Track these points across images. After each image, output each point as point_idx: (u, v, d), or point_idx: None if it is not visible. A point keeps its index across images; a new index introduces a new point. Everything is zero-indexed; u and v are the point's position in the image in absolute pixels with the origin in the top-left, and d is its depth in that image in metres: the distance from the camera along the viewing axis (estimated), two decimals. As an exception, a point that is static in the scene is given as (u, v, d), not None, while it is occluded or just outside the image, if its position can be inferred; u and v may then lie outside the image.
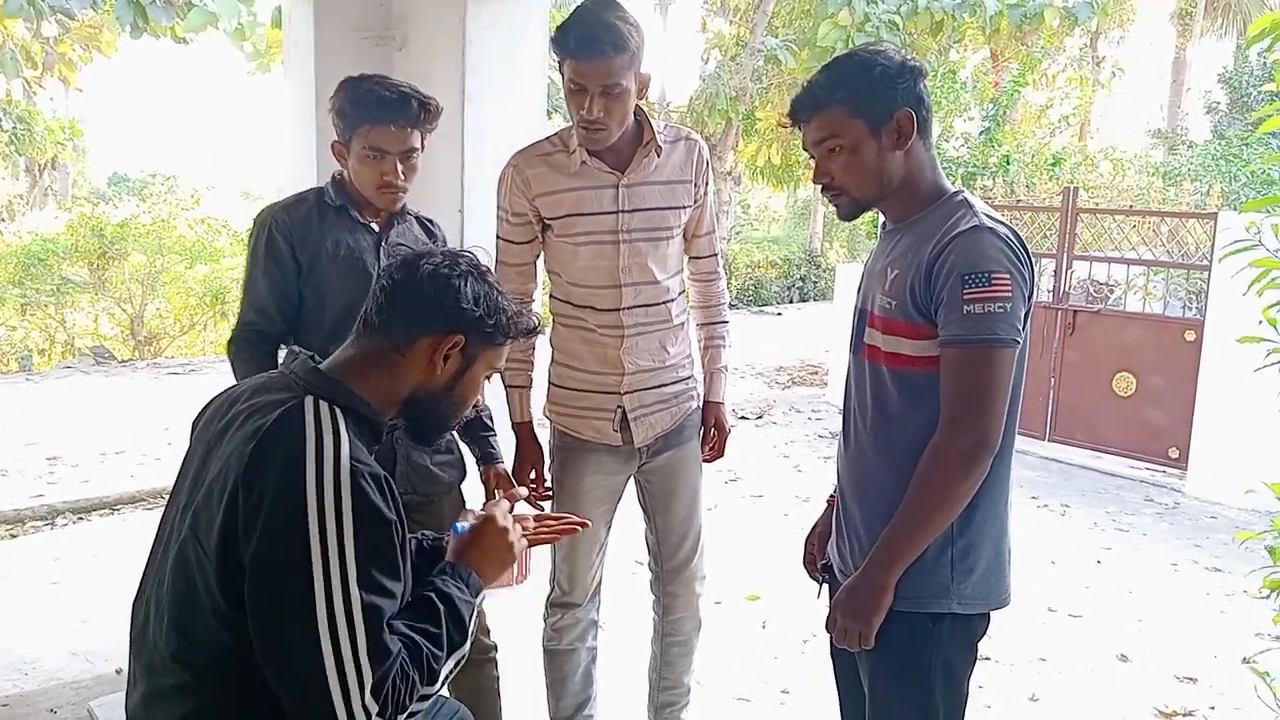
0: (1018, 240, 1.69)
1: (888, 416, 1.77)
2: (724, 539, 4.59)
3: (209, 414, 1.55)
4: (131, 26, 6.35)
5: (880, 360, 1.78)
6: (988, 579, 1.76)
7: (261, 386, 1.53)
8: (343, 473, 1.36)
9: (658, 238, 2.39)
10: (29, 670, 3.41)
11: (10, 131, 14.74)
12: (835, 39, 10.80)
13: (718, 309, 2.64)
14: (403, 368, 1.55)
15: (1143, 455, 6.47)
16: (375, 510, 1.38)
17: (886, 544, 1.70)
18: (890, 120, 1.72)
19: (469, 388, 1.62)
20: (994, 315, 1.61)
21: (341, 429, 1.42)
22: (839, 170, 1.76)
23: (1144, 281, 7.65)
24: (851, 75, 1.73)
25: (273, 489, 1.34)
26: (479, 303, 1.55)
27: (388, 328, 1.55)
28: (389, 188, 2.29)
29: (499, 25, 3.76)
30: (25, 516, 5.16)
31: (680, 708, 2.76)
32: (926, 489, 1.66)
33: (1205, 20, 21.77)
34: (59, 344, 10.48)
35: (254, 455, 1.37)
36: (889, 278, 1.76)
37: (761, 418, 7.86)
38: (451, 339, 1.54)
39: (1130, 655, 3.82)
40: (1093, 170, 11.40)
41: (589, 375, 2.44)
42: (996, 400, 1.64)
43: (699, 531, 2.64)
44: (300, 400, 1.44)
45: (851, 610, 1.75)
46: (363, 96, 2.25)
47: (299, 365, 1.54)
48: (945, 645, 1.76)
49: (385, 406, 1.56)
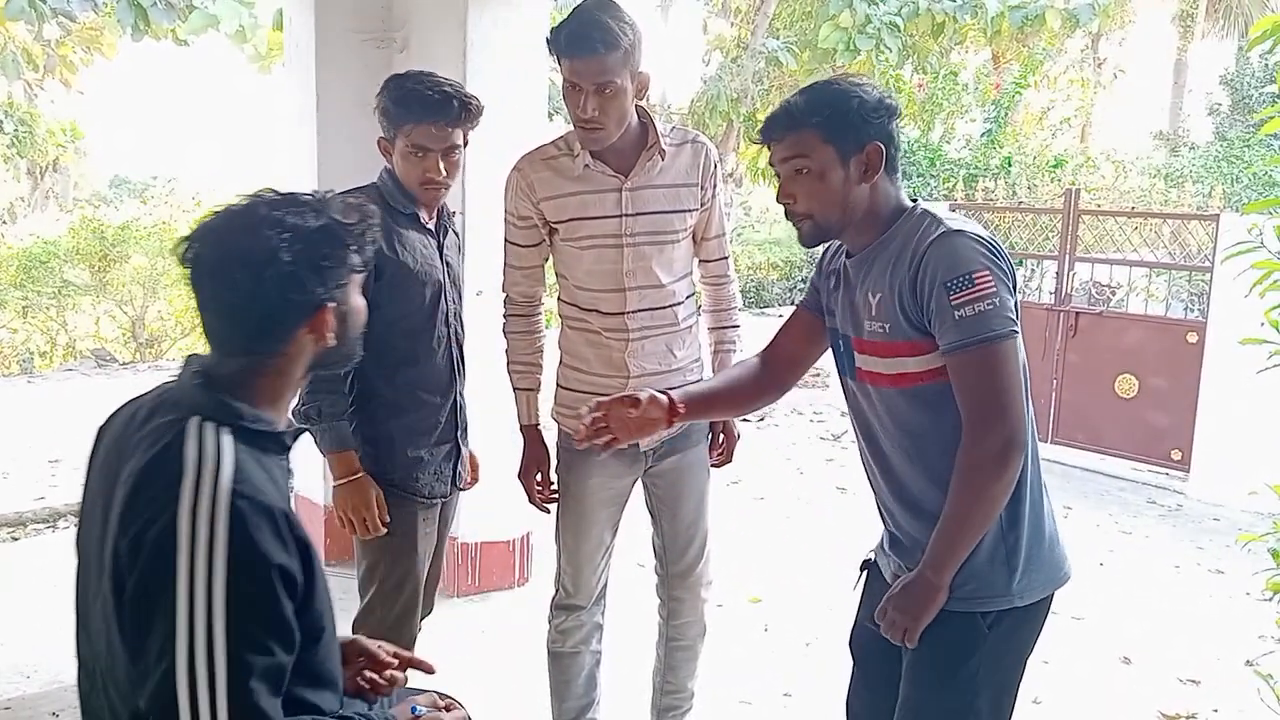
0: (988, 237, 1.72)
1: (911, 433, 1.80)
2: (726, 541, 4.58)
3: (113, 437, 1.43)
4: (133, 29, 6.35)
5: (885, 384, 1.80)
6: (1041, 566, 1.80)
7: (158, 404, 1.41)
8: (219, 509, 1.24)
9: (662, 241, 2.39)
10: (31, 674, 3.41)
11: (11, 134, 14.76)
12: (836, 41, 10.78)
13: (728, 313, 2.62)
14: (290, 360, 1.43)
15: (1145, 457, 6.46)
16: (256, 552, 1.25)
17: (936, 549, 1.73)
18: (861, 152, 1.75)
19: (358, 319, 1.52)
20: (986, 313, 1.64)
21: (225, 456, 1.29)
22: (803, 193, 1.78)
23: (1146, 283, 7.64)
24: (830, 102, 1.76)
25: (150, 533, 1.24)
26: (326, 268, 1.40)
27: (254, 344, 1.41)
28: (431, 184, 2.35)
29: (500, 28, 3.76)
30: (27, 519, 5.16)
31: (683, 712, 2.76)
32: (966, 493, 1.69)
33: (1206, 22, 21.75)
34: (60, 346, 10.48)
35: (130, 499, 1.28)
36: (873, 302, 1.78)
37: (763, 420, 7.85)
38: (324, 314, 1.42)
39: (1133, 657, 3.81)
40: (1094, 172, 11.41)
41: (595, 378, 2.44)
42: (1013, 394, 1.66)
43: (705, 536, 2.63)
44: (184, 426, 1.32)
45: (903, 605, 1.78)
46: (405, 96, 2.30)
47: (188, 380, 1.40)
48: (999, 642, 1.79)
49: (282, 403, 1.46)
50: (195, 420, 1.33)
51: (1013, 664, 1.85)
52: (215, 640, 1.21)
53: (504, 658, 3.53)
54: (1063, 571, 1.85)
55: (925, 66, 10.72)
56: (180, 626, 1.20)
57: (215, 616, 1.21)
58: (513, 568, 4.14)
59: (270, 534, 1.27)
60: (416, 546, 2.46)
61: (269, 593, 1.26)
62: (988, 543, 1.74)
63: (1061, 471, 6.45)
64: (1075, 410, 6.77)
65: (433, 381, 2.45)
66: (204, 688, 1.20)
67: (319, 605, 1.38)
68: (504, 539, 4.08)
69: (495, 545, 4.08)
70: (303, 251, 1.38)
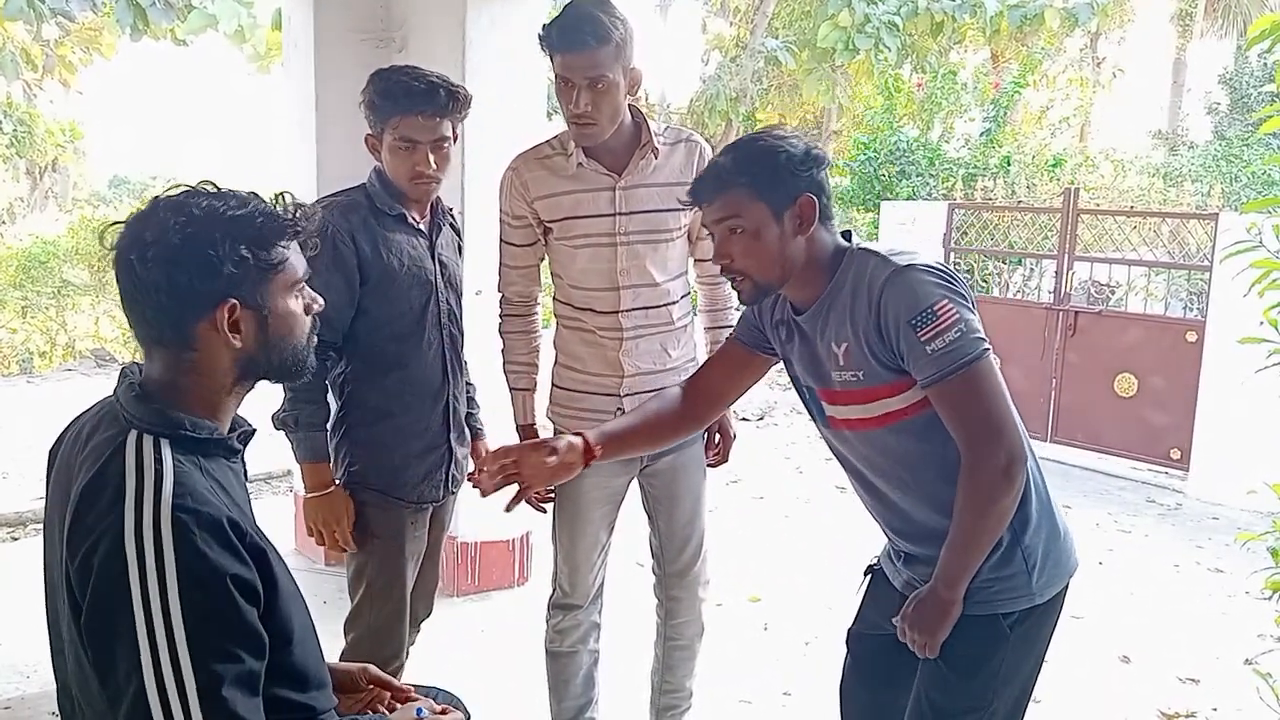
0: (936, 264, 1.73)
1: (907, 464, 1.81)
2: (725, 541, 4.59)
3: (61, 458, 1.39)
4: (131, 29, 6.35)
5: (872, 426, 1.80)
6: (1057, 562, 1.82)
7: (99, 420, 1.37)
8: (163, 526, 1.20)
9: (656, 240, 2.38)
10: (31, 673, 3.41)
11: (11, 134, 14.76)
12: (835, 40, 10.76)
13: (723, 312, 2.62)
14: (205, 360, 1.34)
15: (1144, 456, 6.46)
16: (206, 565, 1.21)
17: (948, 565, 1.74)
18: (794, 205, 1.74)
19: (284, 325, 1.39)
20: (956, 341, 1.64)
21: (166, 470, 1.25)
22: (739, 253, 1.77)
23: (1145, 282, 7.64)
24: (756, 160, 1.75)
25: (97, 555, 1.20)
26: (218, 259, 1.29)
27: (161, 336, 1.34)
28: (421, 178, 2.31)
29: (498, 27, 3.76)
30: (26, 519, 5.16)
31: (682, 711, 2.76)
32: (974, 511, 1.69)
33: (1205, 21, 21.75)
34: (60, 347, 10.47)
35: (75, 520, 1.24)
36: (838, 353, 1.78)
37: (763, 419, 7.85)
38: (223, 309, 1.32)
39: (1132, 656, 3.81)
40: (1093, 171, 11.40)
41: (589, 377, 2.44)
42: (1002, 409, 1.67)
43: (701, 536, 2.63)
44: (122, 442, 1.28)
45: (918, 623, 1.79)
46: (391, 88, 2.27)
47: (123, 392, 1.35)
48: (1021, 640, 1.80)
49: (219, 408, 1.39)
50: (134, 434, 1.29)
51: (1033, 661, 1.87)
52: (180, 657, 1.18)
53: (503, 657, 3.53)
54: (1073, 561, 1.87)
55: (924, 66, 10.70)
56: (143, 647, 1.18)
57: (175, 633, 1.19)
58: (512, 567, 4.15)
59: (218, 545, 1.24)
60: (404, 550, 2.43)
61: (226, 603, 1.23)
62: (1005, 548, 1.74)
63: (1061, 470, 6.45)
64: (1074, 409, 6.77)
65: (423, 385, 2.42)
66: (177, 705, 1.17)
67: (286, 606, 1.35)
68: (503, 538, 4.09)
69: (495, 545, 4.08)
70: (195, 236, 1.29)
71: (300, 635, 1.38)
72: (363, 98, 2.32)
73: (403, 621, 2.48)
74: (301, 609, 1.42)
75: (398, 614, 2.46)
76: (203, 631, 1.20)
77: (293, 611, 1.37)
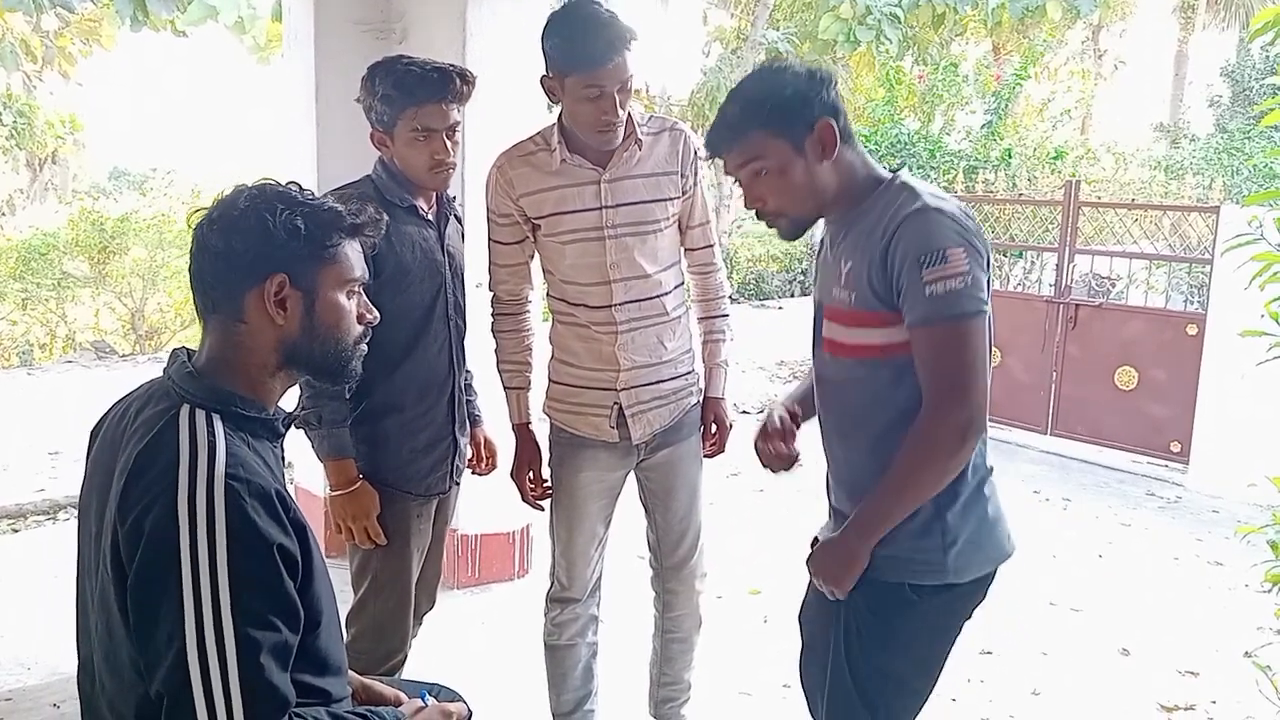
0: (966, 215, 1.69)
1: (862, 404, 1.78)
2: (725, 533, 4.59)
3: (105, 434, 1.45)
4: (131, 20, 6.34)
5: (844, 354, 1.78)
6: (981, 545, 1.77)
7: (149, 397, 1.42)
8: (216, 493, 1.25)
9: (644, 231, 2.37)
10: (32, 665, 3.42)
11: (10, 126, 14.74)
12: (836, 32, 10.77)
13: (715, 302, 2.60)
14: (252, 335, 1.41)
15: (1144, 449, 6.46)
16: (254, 532, 1.26)
17: (865, 513, 1.73)
18: (812, 133, 1.71)
19: (331, 317, 1.45)
20: (956, 291, 1.61)
21: (218, 441, 1.31)
22: (770, 192, 1.75)
23: (1146, 275, 7.64)
24: (765, 97, 1.72)
25: (149, 519, 1.25)
26: (273, 229, 1.38)
27: (215, 302, 1.41)
28: (441, 166, 2.31)
29: (499, 18, 3.75)
30: (27, 511, 5.16)
31: (681, 704, 2.76)
32: (912, 463, 1.67)
33: (1207, 13, 21.73)
34: (60, 338, 10.48)
35: (127, 488, 1.29)
36: (843, 270, 1.76)
37: (763, 412, 7.85)
38: (272, 281, 1.39)
39: (1132, 649, 3.82)
40: (1095, 164, 11.39)
41: (585, 371, 2.44)
42: (977, 375, 1.64)
43: (698, 529, 2.62)
44: (175, 414, 1.33)
45: (822, 567, 1.80)
46: (404, 78, 2.25)
47: (176, 369, 1.41)
48: (932, 614, 1.78)
49: (266, 389, 1.44)
50: (186, 408, 1.34)
51: (943, 637, 1.84)
52: (223, 619, 1.22)
53: (503, 649, 3.53)
54: (1001, 549, 1.82)
55: (926, 58, 10.72)
56: (187, 608, 1.21)
57: (221, 596, 1.22)
58: (513, 559, 4.15)
59: (267, 515, 1.28)
60: (410, 543, 2.44)
61: (271, 571, 1.27)
62: (921, 517, 1.72)
63: (1061, 463, 6.46)
64: (1075, 402, 6.77)
65: (430, 378, 2.43)
66: (215, 666, 1.21)
67: (317, 587, 1.39)
68: (504, 531, 4.09)
69: (495, 537, 4.08)
70: (256, 208, 1.38)
71: (326, 620, 1.42)
72: (368, 94, 2.30)
73: (407, 615, 2.48)
74: (329, 594, 1.45)
75: (402, 607, 2.46)
76: (246, 597, 1.24)
77: (322, 594, 1.41)
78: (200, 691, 1.20)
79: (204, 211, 1.43)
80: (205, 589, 1.22)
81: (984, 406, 1.65)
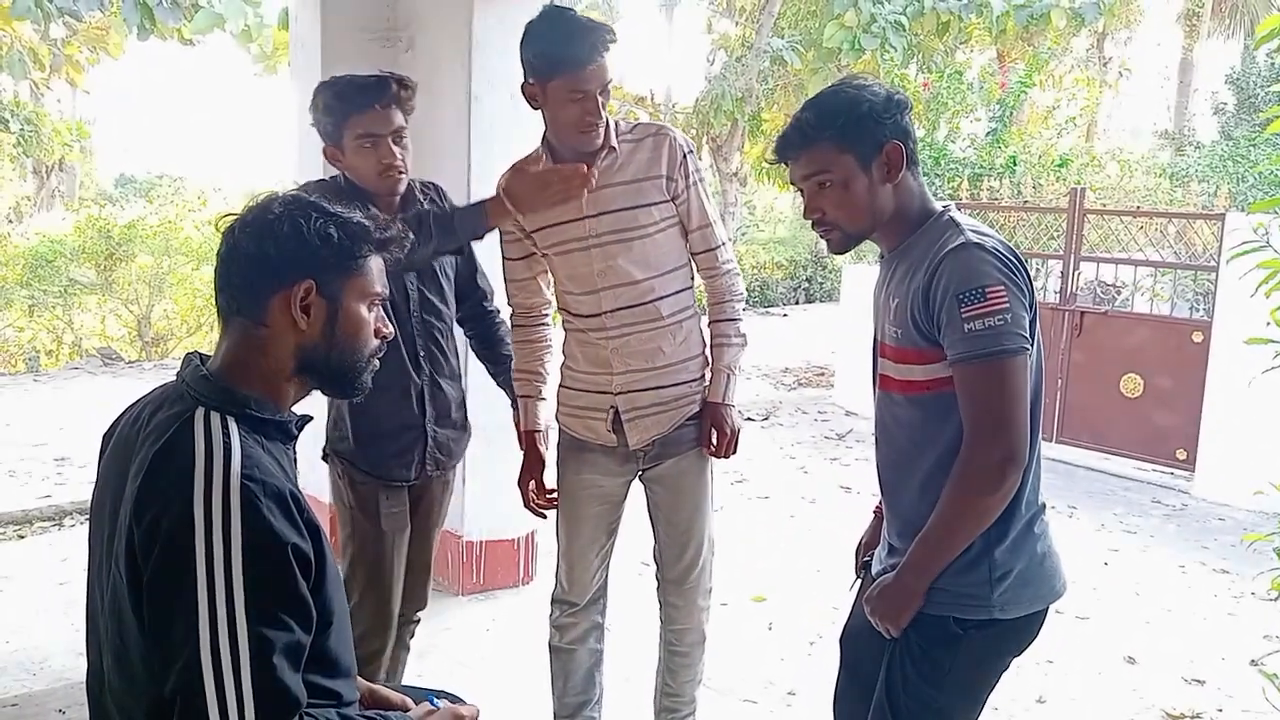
0: (1008, 250, 1.71)
1: (912, 440, 1.81)
2: (730, 540, 4.59)
3: (118, 437, 1.46)
4: (139, 28, 6.38)
5: (893, 389, 1.81)
6: (1029, 582, 1.78)
7: (163, 401, 1.43)
8: (232, 493, 1.27)
9: (629, 238, 2.37)
10: (37, 671, 3.42)
11: (18, 133, 14.76)
12: (841, 40, 10.79)
13: (723, 306, 2.55)
14: (271, 340, 1.43)
15: (1150, 457, 6.45)
16: (269, 533, 1.27)
17: (917, 554, 1.74)
18: (880, 154, 1.74)
19: (351, 327, 1.48)
20: (996, 328, 1.62)
21: (234, 443, 1.32)
22: (830, 205, 1.78)
23: (1151, 283, 7.63)
24: (840, 111, 1.74)
25: (166, 519, 1.26)
26: (306, 235, 1.40)
27: (239, 305, 1.43)
28: (389, 170, 2.36)
29: (505, 26, 3.75)
30: (33, 517, 5.17)
31: (683, 716, 2.73)
32: (956, 504, 1.69)
33: (1212, 21, 21.72)
34: (66, 345, 10.50)
35: (143, 490, 1.30)
36: (892, 307, 1.79)
37: (768, 419, 7.85)
38: (300, 286, 1.41)
39: (1137, 657, 3.81)
40: (1100, 171, 11.38)
41: (584, 375, 2.48)
42: (1017, 412, 1.65)
43: (701, 544, 2.57)
44: (190, 416, 1.35)
45: (881, 610, 1.80)
46: (341, 90, 2.34)
47: (190, 373, 1.43)
48: (977, 648, 1.78)
49: (280, 393, 1.46)
50: (201, 410, 1.36)
51: (988, 672, 1.84)
52: (237, 619, 1.23)
53: (508, 655, 3.53)
54: (1053, 589, 1.84)
55: (930, 66, 10.71)
56: (202, 608, 1.23)
57: (235, 596, 1.23)
58: (518, 566, 4.15)
59: (282, 516, 1.30)
60: (380, 524, 2.50)
61: (285, 572, 1.29)
62: (970, 552, 1.73)
63: (1066, 471, 6.45)
64: (1080, 410, 6.76)
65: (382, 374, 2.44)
66: (228, 666, 1.22)
67: (330, 589, 1.39)
68: (509, 537, 4.09)
69: (500, 543, 4.09)
70: (291, 214, 1.42)
71: (338, 621, 1.43)
72: (314, 110, 2.38)
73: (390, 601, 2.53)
74: (341, 595, 1.46)
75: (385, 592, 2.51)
76: (261, 596, 1.25)
77: (334, 595, 1.41)
78: (213, 690, 1.21)
79: (234, 217, 1.45)
80: (220, 588, 1.23)
81: (1022, 444, 1.65)
